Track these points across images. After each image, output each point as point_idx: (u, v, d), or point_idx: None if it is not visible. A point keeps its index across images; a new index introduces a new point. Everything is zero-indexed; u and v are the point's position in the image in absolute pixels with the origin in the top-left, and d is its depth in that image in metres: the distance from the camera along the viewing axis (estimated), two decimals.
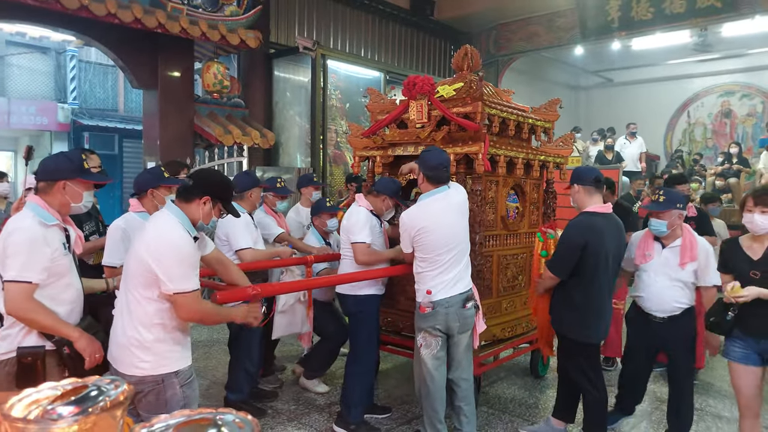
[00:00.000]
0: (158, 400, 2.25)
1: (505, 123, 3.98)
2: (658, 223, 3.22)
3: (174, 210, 2.33)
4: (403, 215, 3.31)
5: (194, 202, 2.34)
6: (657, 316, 3.29)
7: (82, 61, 12.54)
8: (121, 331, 2.28)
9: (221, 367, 4.65)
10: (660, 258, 3.27)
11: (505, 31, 11.40)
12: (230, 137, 7.54)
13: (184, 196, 2.36)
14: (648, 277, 3.31)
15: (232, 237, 3.70)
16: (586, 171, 3.42)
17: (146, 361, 2.23)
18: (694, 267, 3.20)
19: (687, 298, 3.26)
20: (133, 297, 2.25)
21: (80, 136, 12.40)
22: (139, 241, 2.30)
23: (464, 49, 4.19)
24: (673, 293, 3.24)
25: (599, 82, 15.01)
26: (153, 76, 7.39)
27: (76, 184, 2.27)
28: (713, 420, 3.94)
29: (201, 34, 7.00)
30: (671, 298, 3.24)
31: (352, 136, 4.43)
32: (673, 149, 13.95)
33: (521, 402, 4.19)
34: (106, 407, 0.78)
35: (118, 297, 2.35)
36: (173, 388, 2.28)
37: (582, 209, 3.33)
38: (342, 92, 8.79)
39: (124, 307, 2.29)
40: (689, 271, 3.21)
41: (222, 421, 0.66)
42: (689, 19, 9.10)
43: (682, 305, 3.24)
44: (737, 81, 13.26)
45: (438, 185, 3.22)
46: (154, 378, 2.24)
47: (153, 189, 3.00)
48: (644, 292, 3.33)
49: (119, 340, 2.28)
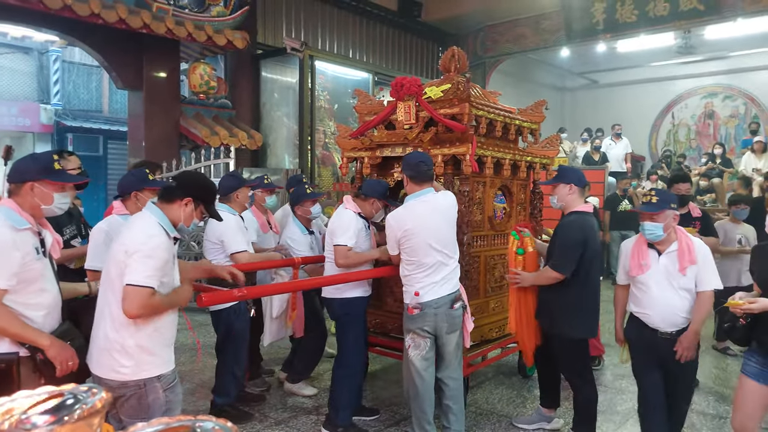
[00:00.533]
0: (140, 404, 2.22)
1: (492, 124, 3.98)
2: (653, 227, 2.89)
3: (154, 210, 2.31)
4: (388, 217, 3.31)
5: (176, 203, 2.33)
6: (665, 331, 2.93)
7: (65, 62, 12.38)
8: (102, 334, 2.24)
9: (207, 371, 4.61)
10: (658, 267, 2.94)
11: (492, 32, 11.45)
12: (217, 138, 7.49)
13: (165, 197, 2.35)
14: (648, 289, 2.96)
15: (227, 240, 3.67)
16: (579, 172, 3.49)
17: (127, 365, 2.20)
18: (694, 271, 2.90)
19: (692, 307, 2.94)
20: (114, 300, 2.21)
21: (64, 137, 12.25)
22: (116, 242, 2.27)
23: (451, 50, 4.20)
24: (679, 304, 2.91)
25: (585, 83, 15.13)
26: (138, 77, 7.32)
27: (44, 185, 2.20)
28: (697, 416, 3.98)
29: (187, 34, 6.96)
30: (678, 310, 2.91)
31: (340, 137, 4.41)
32: (658, 150, 14.10)
33: (509, 401, 4.20)
34: (82, 416, 0.76)
35: (100, 301, 2.31)
36: (155, 393, 2.25)
37: (570, 209, 3.36)
38: (330, 93, 8.77)
39: (105, 310, 2.25)
40: (691, 277, 2.90)
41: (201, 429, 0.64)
42: (672, 21, 9.21)
43: (689, 316, 2.91)
44: (720, 83, 13.44)
45: (422, 184, 3.23)
46: (136, 382, 2.21)
47: (137, 192, 2.96)
48: (646, 307, 2.98)
49: (100, 344, 2.24)
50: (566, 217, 3.38)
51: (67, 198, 2.35)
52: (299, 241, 4.20)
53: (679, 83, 13.89)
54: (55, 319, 2.30)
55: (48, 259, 2.29)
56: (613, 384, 4.61)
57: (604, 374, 4.83)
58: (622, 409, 4.10)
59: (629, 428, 3.78)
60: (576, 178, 3.38)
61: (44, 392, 0.83)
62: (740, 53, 12.20)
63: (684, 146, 13.88)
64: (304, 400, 4.18)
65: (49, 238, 2.31)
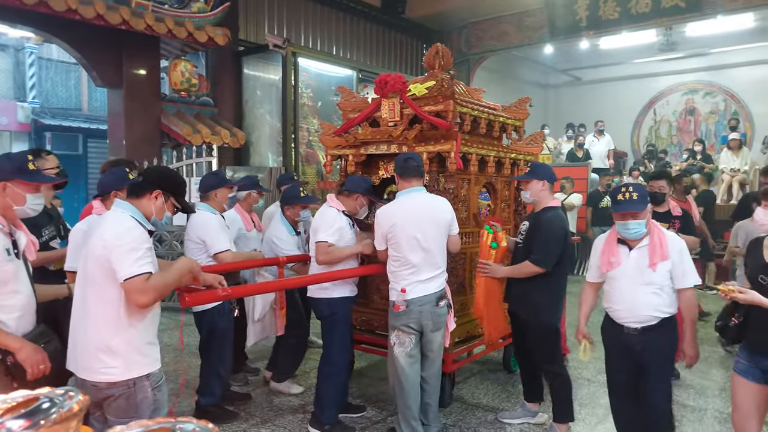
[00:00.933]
0: (129, 404, 2.18)
1: (476, 121, 3.99)
2: (637, 225, 2.80)
3: (125, 206, 2.28)
4: (378, 212, 3.32)
5: (145, 197, 2.29)
6: (630, 327, 2.87)
7: (42, 59, 12.17)
8: (82, 336, 2.18)
9: (192, 371, 4.56)
10: (628, 261, 2.87)
11: (477, 29, 11.49)
12: (199, 136, 7.42)
13: (134, 192, 2.31)
14: (618, 284, 2.91)
15: (209, 240, 3.63)
16: (550, 168, 3.58)
17: (114, 366, 2.15)
18: (667, 267, 2.81)
19: (665, 305, 2.84)
20: (96, 300, 2.17)
21: (42, 136, 12.05)
22: (92, 239, 2.22)
23: (435, 47, 4.19)
24: (646, 300, 2.83)
25: (568, 80, 15.25)
26: (117, 74, 7.22)
27: (17, 185, 2.15)
28: (678, 408, 4.02)
29: (167, 31, 6.87)
30: (645, 305, 2.84)
31: (324, 135, 4.39)
32: (640, 146, 14.27)
33: (494, 396, 4.22)
34: (58, 419, 0.74)
35: (78, 301, 2.25)
36: (144, 392, 2.21)
37: (543, 204, 3.46)
38: (313, 90, 8.73)
39: (85, 311, 2.20)
40: (662, 273, 2.81)
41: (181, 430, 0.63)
42: (654, 18, 9.33)
43: (659, 314, 2.84)
44: (701, 79, 13.64)
45: (410, 180, 3.26)
46: (126, 382, 2.17)
47: (117, 191, 2.91)
48: (615, 302, 2.94)
49: (82, 346, 2.18)
50: (543, 213, 3.44)
51: (41, 199, 2.29)
52: (286, 240, 4.17)
53: (661, 80, 14.07)
54: (29, 321, 2.24)
55: (22, 261, 2.23)
56: (595, 378, 4.65)
57: (587, 368, 4.87)
58: (605, 402, 4.11)
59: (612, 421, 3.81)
60: (548, 174, 3.48)
61: (19, 396, 0.80)
62: (720, 50, 12.39)
63: (665, 142, 14.07)
64: (290, 398, 4.16)
65: (23, 239, 2.25)
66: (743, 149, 9.95)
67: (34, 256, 2.33)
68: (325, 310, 3.57)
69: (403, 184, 3.28)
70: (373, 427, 3.71)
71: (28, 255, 2.29)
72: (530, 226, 3.50)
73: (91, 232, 2.79)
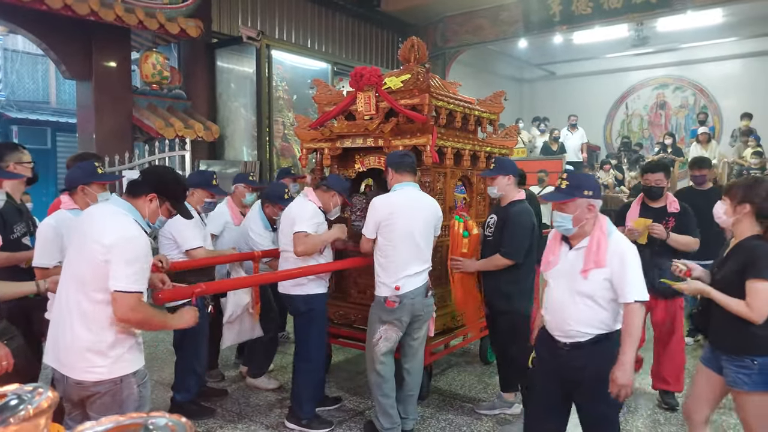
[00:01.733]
0: (114, 401, 2.14)
1: (452, 115, 4.00)
2: (562, 219, 2.43)
3: (125, 206, 2.21)
4: (374, 200, 3.31)
5: (140, 199, 2.24)
6: (559, 340, 2.48)
7: (7, 50, 11.81)
8: (71, 335, 2.12)
9: (167, 368, 4.51)
10: (564, 263, 2.48)
11: (452, 23, 11.52)
12: (172, 130, 7.30)
13: (131, 191, 2.25)
14: (551, 287, 2.56)
15: (181, 236, 3.57)
16: (514, 163, 3.66)
17: (102, 365, 2.11)
18: (604, 276, 2.34)
19: (598, 320, 2.38)
20: (87, 300, 2.10)
21: (8, 129, 11.71)
22: (88, 239, 2.13)
23: (411, 40, 4.19)
24: (572, 312, 2.41)
25: (542, 75, 15.40)
26: (87, 67, 7.05)
27: None
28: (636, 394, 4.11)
29: (138, 22, 6.73)
30: (570, 318, 2.41)
31: (300, 128, 4.35)
32: (613, 140, 14.51)
33: (471, 387, 4.26)
34: (27, 416, 0.73)
35: (62, 299, 2.18)
36: (130, 388, 2.18)
37: (510, 198, 3.54)
38: (288, 84, 8.65)
39: (73, 310, 2.12)
40: (596, 282, 2.36)
41: (153, 426, 0.62)
42: (626, 14, 9.50)
43: (588, 330, 2.39)
44: (671, 74, 13.91)
45: (405, 174, 3.32)
46: (112, 380, 2.13)
47: (84, 185, 2.84)
48: (546, 309, 2.57)
49: (68, 345, 2.12)
50: (511, 206, 3.52)
51: (2, 195, 2.22)
52: (263, 236, 4.15)
53: (633, 74, 14.31)
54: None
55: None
56: None
57: None
58: None
59: None
60: (513, 169, 3.56)
61: None
62: (690, 45, 12.64)
63: (637, 136, 14.32)
64: (267, 393, 4.14)
65: None
66: (712, 143, 10.18)
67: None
68: (301, 306, 3.55)
69: (397, 178, 3.32)
70: (351, 420, 3.72)
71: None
72: (498, 219, 3.56)
73: (62, 228, 2.73)
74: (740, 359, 2.45)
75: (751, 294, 2.38)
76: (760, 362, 2.40)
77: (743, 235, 2.51)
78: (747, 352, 2.43)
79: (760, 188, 2.49)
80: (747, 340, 2.43)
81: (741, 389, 2.46)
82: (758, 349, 2.42)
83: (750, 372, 2.42)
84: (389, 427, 3.27)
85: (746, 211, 2.48)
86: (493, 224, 3.58)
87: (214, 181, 3.85)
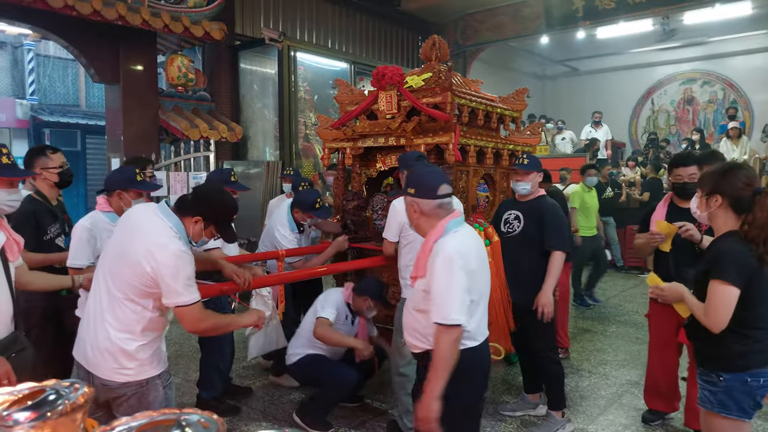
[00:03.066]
0: (140, 403, 2.17)
1: (474, 113, 3.99)
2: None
3: (173, 219, 2.18)
4: (394, 202, 3.30)
5: (186, 218, 2.21)
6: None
7: (40, 55, 12.13)
8: (103, 335, 2.13)
9: (193, 365, 4.58)
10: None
11: (472, 21, 11.45)
12: (197, 131, 7.41)
13: (179, 207, 2.22)
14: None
15: None
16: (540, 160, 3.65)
17: (130, 368, 2.14)
18: (421, 287, 2.12)
19: (430, 335, 2.08)
20: (122, 303, 2.12)
21: (41, 132, 12.03)
22: (130, 244, 2.12)
23: (432, 39, 4.18)
24: (407, 320, 2.25)
25: (565, 71, 15.22)
26: (115, 70, 7.20)
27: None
28: None
29: (163, 26, 6.84)
30: (405, 326, 2.28)
31: (322, 128, 4.38)
32: (638, 137, 14.27)
33: (494, 389, 4.24)
34: (65, 411, 0.75)
35: (95, 298, 2.20)
36: (156, 390, 2.21)
37: (536, 194, 3.54)
38: (310, 84, 8.71)
39: (107, 311, 2.14)
40: (418, 293, 2.15)
41: (186, 422, 0.64)
42: (651, 8, 9.32)
43: (419, 343, 2.18)
44: (698, 69, 13.62)
45: None
46: (139, 382, 2.16)
47: (122, 191, 2.90)
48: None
49: (100, 345, 2.13)
50: (541, 201, 3.52)
51: (17, 195, 2.24)
52: (288, 238, 4.13)
53: (659, 69, 14.05)
54: (5, 325, 2.15)
55: (3, 262, 2.15)
56: (596, 369, 4.68)
57: (588, 360, 4.90)
58: (605, 393, 4.17)
59: (613, 412, 3.84)
60: (541, 166, 3.59)
61: (25, 388, 0.81)
62: (718, 39, 12.37)
63: (664, 132, 14.07)
64: (290, 391, 4.18)
65: (1, 237, 2.16)
66: (742, 138, 9.94)
67: (16, 257, 2.24)
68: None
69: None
70: (375, 419, 3.73)
71: (9, 255, 2.19)
72: (524, 215, 3.49)
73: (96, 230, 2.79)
74: (708, 373, 2.23)
75: (708, 296, 2.12)
76: (726, 379, 2.15)
77: (720, 231, 2.22)
78: (715, 367, 2.21)
79: (732, 177, 2.16)
80: (719, 352, 2.19)
81: (703, 407, 2.25)
82: (728, 365, 2.17)
83: (715, 390, 2.19)
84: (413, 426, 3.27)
85: (719, 203, 2.18)
86: (513, 219, 3.53)
87: (232, 177, 3.90)
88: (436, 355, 2.00)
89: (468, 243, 2.12)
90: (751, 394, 2.13)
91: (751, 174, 2.21)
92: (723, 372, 2.16)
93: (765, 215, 2.06)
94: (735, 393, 2.14)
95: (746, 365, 2.13)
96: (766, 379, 2.13)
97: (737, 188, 2.14)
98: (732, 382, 2.14)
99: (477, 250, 2.16)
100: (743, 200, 2.12)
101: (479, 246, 2.21)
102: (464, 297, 2.00)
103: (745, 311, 2.09)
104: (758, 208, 2.07)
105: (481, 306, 2.15)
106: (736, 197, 2.14)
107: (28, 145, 11.94)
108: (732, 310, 2.07)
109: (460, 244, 2.06)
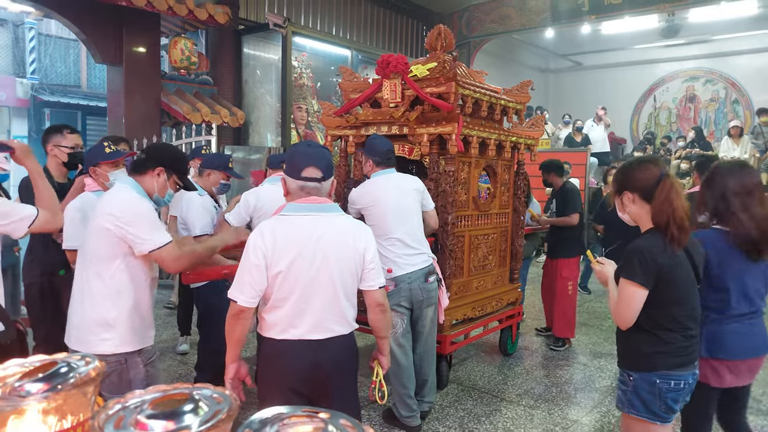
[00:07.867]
0: (121, 380, 2.19)
1: (477, 104, 3.98)
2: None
3: (128, 181, 2.28)
4: (352, 192, 3.40)
5: (148, 174, 2.29)
6: None
7: (41, 34, 12.03)
8: (80, 311, 2.19)
9: (191, 347, 4.61)
10: None
11: (477, 12, 11.39)
12: (198, 115, 7.38)
13: (137, 168, 2.30)
14: None
15: (190, 221, 3.61)
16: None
17: (108, 339, 2.16)
18: None
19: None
20: (93, 273, 2.17)
21: (41, 112, 11.97)
22: (98, 216, 2.19)
23: (438, 28, 4.17)
24: None
25: (569, 65, 15.16)
26: (117, 51, 7.15)
27: None
28: None
29: (167, 8, 6.80)
30: None
31: (325, 115, 4.38)
32: (639, 133, 14.25)
33: (490, 378, 4.27)
34: (76, 383, 0.76)
35: (76, 281, 2.25)
36: (136, 367, 2.23)
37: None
38: (313, 71, 8.67)
39: (85, 286, 2.20)
40: None
41: (200, 395, 0.65)
42: (657, 4, 9.28)
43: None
44: (701, 66, 13.58)
45: (385, 168, 3.39)
46: (117, 358, 2.17)
47: (94, 167, 2.88)
48: None
49: (78, 321, 2.19)
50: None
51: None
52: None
53: (662, 66, 14.01)
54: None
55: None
56: (591, 362, 4.71)
57: (584, 353, 4.94)
58: (600, 386, 4.20)
59: (607, 405, 3.88)
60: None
61: (37, 360, 0.82)
62: (722, 37, 12.32)
63: (665, 129, 14.06)
64: None
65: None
66: (744, 137, 9.95)
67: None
68: None
69: (376, 170, 3.39)
70: (370, 406, 3.76)
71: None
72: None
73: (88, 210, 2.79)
74: (621, 372, 2.16)
75: (618, 293, 2.06)
76: (635, 378, 2.08)
77: (645, 229, 2.11)
78: (625, 365, 2.14)
79: (635, 170, 2.08)
80: (628, 350, 2.13)
81: (617, 407, 2.19)
82: (635, 364, 2.09)
83: (625, 389, 2.12)
84: (407, 415, 3.31)
85: (631, 200, 2.08)
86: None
87: (230, 164, 3.91)
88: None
89: (287, 230, 2.00)
90: (661, 397, 2.03)
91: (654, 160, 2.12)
92: (631, 371, 2.10)
93: (663, 195, 1.97)
94: (642, 393, 2.05)
95: (653, 365, 2.03)
96: (677, 382, 2.03)
97: (641, 179, 2.04)
98: (639, 382, 2.06)
99: (298, 241, 1.99)
100: (650, 189, 2.01)
101: (306, 238, 2.00)
102: (244, 276, 1.99)
103: (659, 311, 2.01)
104: (658, 191, 1.99)
105: (290, 302, 2.02)
106: (643, 188, 2.03)
107: (28, 125, 11.89)
108: (637, 309, 2.00)
109: (274, 228, 1.99)
